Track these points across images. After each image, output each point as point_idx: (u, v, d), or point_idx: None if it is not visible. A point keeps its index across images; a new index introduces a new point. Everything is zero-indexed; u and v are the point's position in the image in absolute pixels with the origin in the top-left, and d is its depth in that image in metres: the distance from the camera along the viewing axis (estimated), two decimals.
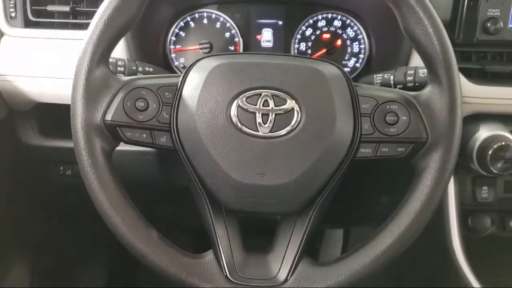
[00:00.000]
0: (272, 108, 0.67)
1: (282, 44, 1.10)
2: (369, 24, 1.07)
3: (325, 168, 0.69)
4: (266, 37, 1.10)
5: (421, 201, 0.68)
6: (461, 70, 0.91)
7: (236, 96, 0.67)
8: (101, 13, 0.67)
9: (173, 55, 1.09)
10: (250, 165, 0.67)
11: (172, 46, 1.09)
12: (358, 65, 1.09)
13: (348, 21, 1.08)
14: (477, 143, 0.85)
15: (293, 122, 0.67)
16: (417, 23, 0.67)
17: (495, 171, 0.83)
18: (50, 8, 0.96)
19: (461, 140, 0.87)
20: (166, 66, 1.08)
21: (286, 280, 0.70)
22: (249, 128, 0.67)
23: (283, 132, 0.67)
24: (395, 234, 0.68)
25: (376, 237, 0.70)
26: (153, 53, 1.05)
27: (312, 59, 0.74)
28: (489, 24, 0.87)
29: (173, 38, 1.08)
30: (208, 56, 0.73)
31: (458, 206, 0.95)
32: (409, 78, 0.82)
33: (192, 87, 0.69)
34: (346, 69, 1.09)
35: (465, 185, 0.94)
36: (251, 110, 0.67)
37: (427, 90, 0.70)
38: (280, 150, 0.67)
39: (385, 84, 0.84)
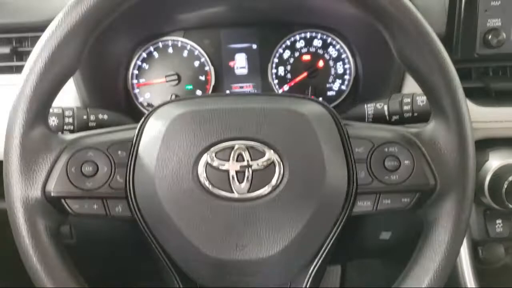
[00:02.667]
0: (248, 163, 0.55)
1: (258, 69, 0.99)
2: (352, 42, 0.96)
3: (317, 231, 0.57)
4: (240, 63, 0.98)
5: (435, 261, 0.57)
6: None
7: (204, 151, 0.55)
8: (33, 62, 0.54)
9: (136, 91, 0.97)
10: (227, 236, 0.55)
11: (135, 81, 0.96)
12: (344, 87, 0.98)
13: (329, 40, 0.98)
14: (489, 175, 0.74)
15: (274, 179, 0.55)
16: (413, 48, 0.55)
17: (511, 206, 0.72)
18: None
19: None
20: (129, 104, 0.96)
21: None
22: (222, 190, 0.55)
23: (263, 191, 0.55)
24: None
25: None
26: (112, 91, 0.93)
27: (292, 98, 0.62)
28: (490, 37, 0.77)
29: (136, 72, 0.96)
30: (169, 102, 0.61)
31: (469, 242, 0.84)
32: (405, 108, 0.71)
33: (150, 143, 0.57)
34: (331, 93, 0.99)
35: (475, 219, 0.83)
36: (223, 167, 0.55)
37: (431, 126, 0.58)
38: (262, 214, 0.55)
39: (378, 115, 0.73)
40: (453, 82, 0.56)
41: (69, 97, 0.82)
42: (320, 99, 0.97)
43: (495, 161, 0.75)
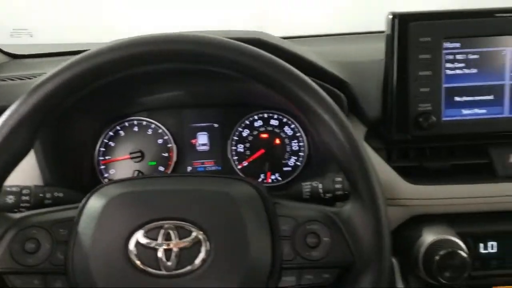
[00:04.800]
0: (175, 241, 0.60)
1: (219, 146, 1.05)
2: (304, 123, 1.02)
3: None
4: (202, 140, 1.05)
5: None
6: (399, 169, 0.86)
7: (135, 231, 0.60)
8: None
9: (102, 167, 1.03)
10: None
11: (101, 158, 1.03)
12: (299, 163, 1.04)
13: (285, 120, 1.05)
14: (422, 250, 0.77)
15: (200, 256, 0.59)
16: (330, 136, 0.62)
17: (443, 281, 0.75)
18: None
19: (405, 246, 0.81)
20: (94, 180, 1.01)
21: None
22: (150, 267, 0.59)
23: (189, 269, 0.59)
24: None
25: None
26: (77, 167, 0.98)
27: (224, 179, 0.67)
28: (421, 120, 0.83)
29: (102, 149, 1.03)
30: (110, 183, 0.66)
31: None
32: (337, 186, 0.76)
33: (87, 222, 0.62)
34: (287, 168, 1.04)
35: None
36: (152, 245, 0.59)
37: (349, 206, 0.63)
38: None
39: (314, 193, 0.78)
40: (367, 168, 0.61)
41: (33, 175, 0.88)
42: (277, 175, 1.04)
43: (428, 237, 0.78)
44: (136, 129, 1.04)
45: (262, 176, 1.04)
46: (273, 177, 1.04)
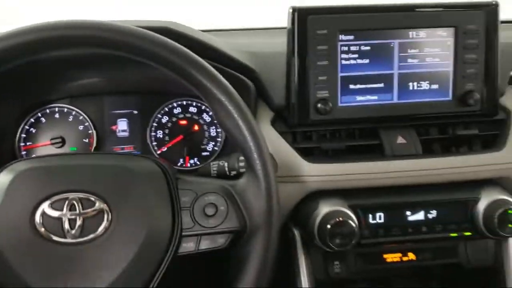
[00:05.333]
0: (79, 212, 0.65)
1: (139, 132, 1.10)
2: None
3: (142, 269, 0.66)
4: (122, 127, 1.10)
5: None
6: (303, 150, 0.94)
7: (41, 202, 0.65)
8: None
9: (23, 153, 1.05)
10: (60, 277, 0.63)
11: (22, 144, 1.05)
12: (216, 148, 1.11)
13: (203, 107, 1.11)
14: (317, 220, 0.86)
15: (103, 225, 0.65)
16: (227, 116, 0.69)
17: (334, 247, 0.84)
18: None
19: (304, 219, 0.89)
20: None
21: None
22: (56, 236, 0.64)
23: (92, 236, 0.65)
24: None
25: None
26: None
27: (129, 156, 0.73)
28: (320, 105, 0.92)
29: (23, 135, 1.05)
30: (18, 161, 0.71)
31: (311, 283, 0.94)
32: (241, 164, 0.83)
33: None
34: (205, 153, 1.10)
35: (316, 262, 0.94)
36: (57, 216, 0.64)
37: (243, 179, 0.71)
38: (90, 256, 0.64)
39: (221, 171, 0.85)
40: (258, 141, 0.69)
41: None
42: (196, 159, 1.10)
43: (323, 209, 0.87)
44: (57, 115, 1.07)
45: (181, 160, 1.10)
46: (191, 161, 1.10)
